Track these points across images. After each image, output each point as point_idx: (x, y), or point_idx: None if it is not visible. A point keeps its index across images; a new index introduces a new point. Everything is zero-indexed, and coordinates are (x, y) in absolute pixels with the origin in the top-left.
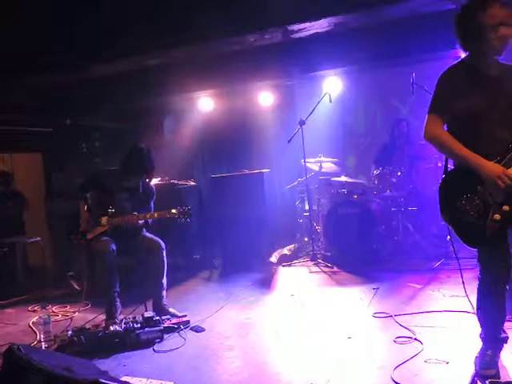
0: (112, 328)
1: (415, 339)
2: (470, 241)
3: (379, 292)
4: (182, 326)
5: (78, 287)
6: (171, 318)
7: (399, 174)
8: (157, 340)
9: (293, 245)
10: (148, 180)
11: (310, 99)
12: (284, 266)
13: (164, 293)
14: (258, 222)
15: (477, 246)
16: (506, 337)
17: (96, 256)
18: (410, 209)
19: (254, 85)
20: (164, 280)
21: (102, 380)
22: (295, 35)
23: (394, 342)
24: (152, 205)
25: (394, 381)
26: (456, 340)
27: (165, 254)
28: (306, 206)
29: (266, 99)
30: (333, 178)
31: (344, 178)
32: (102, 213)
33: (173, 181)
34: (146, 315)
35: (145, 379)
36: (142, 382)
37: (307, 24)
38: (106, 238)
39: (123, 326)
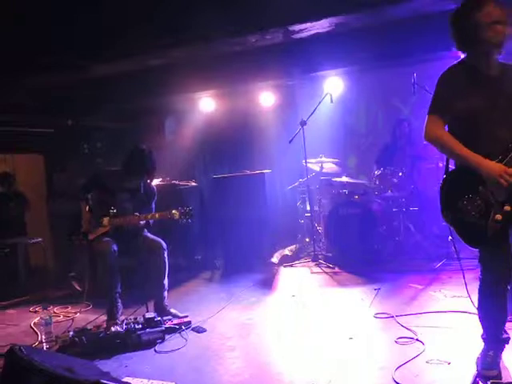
0: (113, 329)
1: (417, 340)
2: (471, 241)
3: (380, 292)
4: (183, 327)
5: (80, 288)
6: (172, 318)
7: (400, 174)
8: (158, 341)
9: (294, 245)
10: (149, 180)
11: (311, 99)
12: (285, 266)
13: (165, 293)
14: (260, 223)
15: (478, 247)
16: (507, 337)
17: (97, 257)
18: (411, 209)
19: (255, 85)
20: (165, 281)
21: (104, 381)
22: (296, 35)
23: (396, 342)
24: (153, 205)
25: (395, 381)
26: (457, 341)
27: (166, 254)
28: (308, 207)
29: (267, 99)
30: (334, 179)
31: (345, 179)
32: (104, 213)
33: (174, 181)
34: (147, 316)
35: (146, 380)
36: (144, 382)
37: (308, 24)
38: (108, 239)
39: (124, 326)
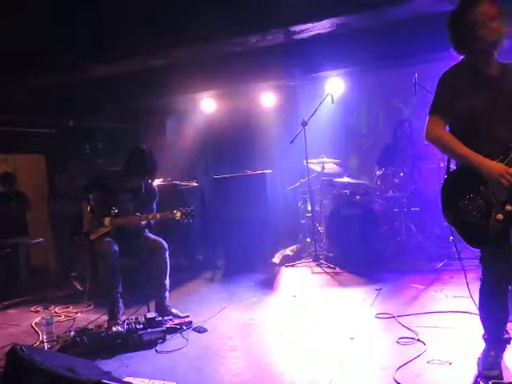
0: (114, 329)
1: (418, 340)
2: (472, 241)
3: (382, 293)
4: (184, 327)
5: (81, 288)
6: (174, 318)
7: (402, 174)
8: (159, 341)
9: (295, 245)
10: (150, 181)
11: (312, 100)
12: (286, 266)
13: (167, 293)
14: (261, 223)
15: (479, 246)
16: (508, 338)
17: (99, 257)
18: (412, 209)
19: (257, 86)
20: (167, 281)
21: (105, 380)
22: (297, 36)
23: (397, 342)
24: (154, 205)
25: (396, 381)
26: (459, 341)
27: (167, 254)
28: (309, 207)
29: (268, 100)
30: (335, 179)
31: (346, 179)
32: (105, 213)
33: (175, 181)
34: (148, 316)
35: (147, 380)
36: (145, 382)
37: (309, 25)
38: (109, 239)
39: (126, 326)
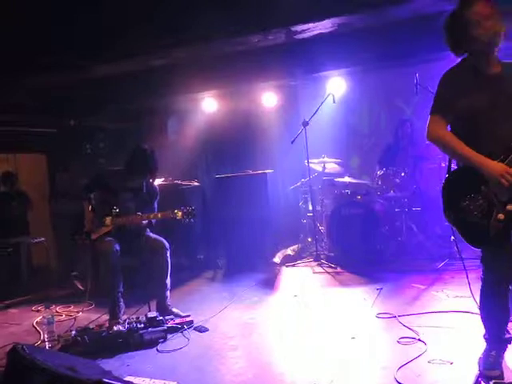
0: (115, 328)
1: (419, 340)
2: (473, 241)
3: (383, 292)
4: (185, 326)
5: (82, 287)
6: (175, 318)
7: (403, 174)
8: (160, 340)
9: (296, 245)
10: (152, 180)
11: (313, 100)
12: (287, 266)
13: (168, 293)
14: (262, 223)
15: (481, 246)
16: (510, 337)
17: (100, 256)
18: (413, 209)
19: (258, 85)
20: (168, 280)
21: (106, 380)
22: (299, 36)
23: (398, 342)
24: (156, 205)
25: (397, 381)
26: (460, 341)
27: (168, 254)
28: (310, 207)
29: (269, 100)
30: (336, 179)
31: (347, 179)
32: (106, 213)
33: (176, 181)
34: (149, 315)
35: (148, 379)
36: (146, 381)
37: (311, 25)
38: (110, 239)
39: (127, 326)
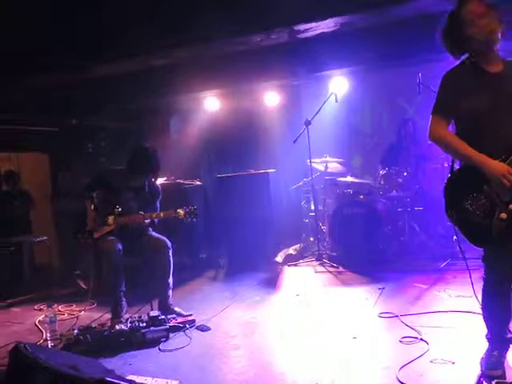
0: (118, 327)
1: (421, 339)
2: (476, 240)
3: (385, 292)
4: (187, 325)
5: (85, 286)
6: (177, 317)
7: (405, 174)
8: (162, 339)
9: (298, 245)
10: (154, 179)
11: (316, 99)
12: (289, 265)
13: (170, 292)
14: (264, 222)
15: (483, 246)
16: None
17: (102, 255)
18: (416, 209)
19: (260, 85)
20: (170, 279)
21: (108, 379)
22: (301, 35)
23: (400, 342)
24: (158, 204)
25: (399, 381)
26: (462, 340)
27: (171, 253)
28: (312, 206)
29: (271, 99)
30: (338, 178)
31: (350, 179)
32: (109, 212)
33: (179, 180)
34: (151, 314)
35: (150, 378)
36: (148, 380)
37: (313, 24)
38: (113, 238)
39: (129, 325)
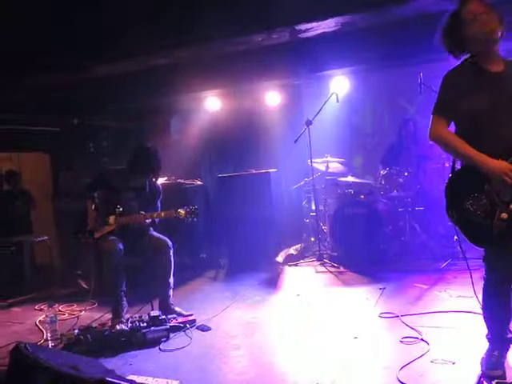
0: (118, 327)
1: (421, 339)
2: (476, 240)
3: (385, 292)
4: (188, 325)
5: (86, 286)
6: (177, 317)
7: (406, 174)
8: (163, 339)
9: (299, 245)
10: (155, 179)
11: (317, 99)
12: (290, 265)
13: (170, 292)
14: (265, 222)
15: (484, 246)
16: None
17: (103, 255)
18: (417, 209)
19: (261, 84)
20: (171, 279)
21: (109, 379)
22: (303, 35)
23: (400, 342)
24: (159, 204)
25: (399, 381)
26: (462, 340)
27: (172, 253)
28: (313, 206)
29: (272, 99)
30: (339, 178)
31: (351, 178)
32: (110, 212)
33: (179, 180)
34: (152, 314)
35: (151, 378)
36: (148, 380)
37: (314, 24)
38: (114, 238)
39: (129, 325)
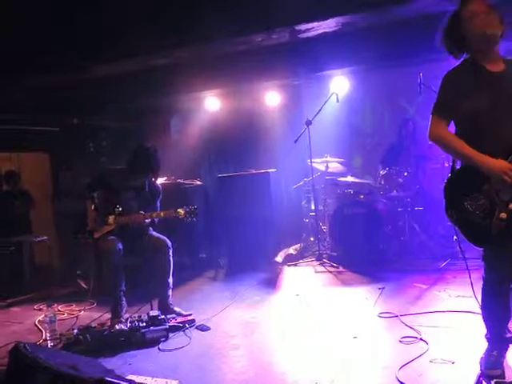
0: (117, 327)
1: (420, 339)
2: (475, 240)
3: (385, 292)
4: (187, 325)
5: (86, 286)
6: (176, 316)
7: (406, 174)
8: (162, 339)
9: (298, 244)
10: (154, 179)
11: (316, 99)
12: (290, 265)
13: (170, 292)
14: (264, 222)
15: (483, 246)
16: (511, 337)
17: (102, 255)
18: (416, 209)
19: (261, 85)
20: (170, 279)
21: (108, 378)
22: (303, 35)
23: (400, 341)
24: (158, 204)
25: (399, 381)
26: (461, 340)
27: (171, 253)
28: (312, 206)
29: (272, 99)
30: (339, 178)
31: (350, 178)
32: (109, 212)
33: (179, 180)
34: (151, 314)
35: (150, 378)
36: (148, 380)
37: (315, 24)
38: (113, 238)
39: (129, 324)
